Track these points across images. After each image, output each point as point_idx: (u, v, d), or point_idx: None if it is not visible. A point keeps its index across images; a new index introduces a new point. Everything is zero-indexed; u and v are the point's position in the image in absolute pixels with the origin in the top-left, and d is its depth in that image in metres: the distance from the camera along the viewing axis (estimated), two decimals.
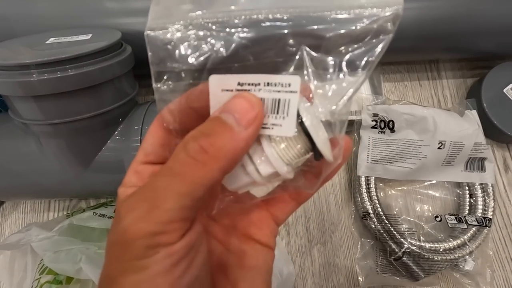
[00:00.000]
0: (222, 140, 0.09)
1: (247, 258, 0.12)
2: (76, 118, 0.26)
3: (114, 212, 0.31)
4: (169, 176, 0.09)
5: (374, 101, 0.36)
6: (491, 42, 0.36)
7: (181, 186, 0.09)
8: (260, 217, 0.13)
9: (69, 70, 0.24)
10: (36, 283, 0.29)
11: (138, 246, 0.09)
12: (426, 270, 0.31)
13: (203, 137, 0.09)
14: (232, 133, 0.09)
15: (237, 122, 0.09)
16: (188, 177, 0.09)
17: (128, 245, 0.09)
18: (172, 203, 0.09)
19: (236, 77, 0.11)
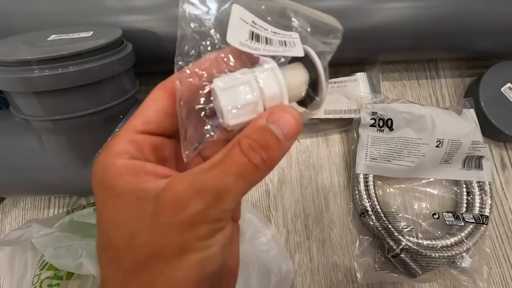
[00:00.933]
0: (275, 153, 0.11)
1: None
2: (77, 114, 0.26)
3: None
4: (235, 175, 0.10)
5: (373, 99, 0.37)
6: (488, 41, 0.36)
7: (245, 185, 0.11)
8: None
9: (70, 66, 0.24)
10: (37, 278, 0.29)
11: (206, 229, 0.10)
12: (423, 267, 0.32)
13: (262, 150, 0.11)
14: (281, 147, 0.11)
15: (284, 136, 0.11)
16: (250, 179, 0.11)
17: (195, 227, 0.10)
18: (234, 197, 0.10)
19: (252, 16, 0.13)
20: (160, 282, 0.10)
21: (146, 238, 0.10)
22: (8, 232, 0.32)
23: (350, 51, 0.36)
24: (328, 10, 0.32)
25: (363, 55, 0.38)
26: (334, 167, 0.38)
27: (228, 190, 0.10)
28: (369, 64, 0.40)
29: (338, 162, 0.38)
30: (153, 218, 0.10)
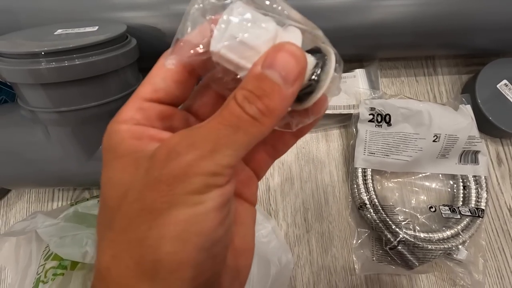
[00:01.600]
0: (275, 102, 0.10)
1: (239, 215, 0.13)
2: (82, 106, 0.26)
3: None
4: (231, 127, 0.10)
5: (371, 95, 0.37)
6: (485, 38, 0.36)
7: (243, 138, 0.10)
8: (249, 176, 0.14)
9: (76, 59, 0.25)
10: (41, 268, 0.30)
11: (199, 181, 0.09)
12: (420, 258, 0.32)
13: (258, 99, 0.10)
14: (281, 93, 0.10)
15: (284, 81, 0.10)
16: (249, 132, 0.10)
17: (187, 180, 0.09)
18: (232, 150, 0.10)
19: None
20: (147, 239, 0.09)
21: (136, 194, 0.10)
22: (13, 224, 0.33)
23: (349, 47, 0.37)
24: (327, 7, 0.33)
25: (362, 51, 0.39)
26: (333, 161, 0.39)
27: (224, 142, 0.09)
28: (368, 61, 0.40)
29: (337, 157, 0.39)
30: (146, 174, 0.10)
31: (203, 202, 0.09)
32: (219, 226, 0.10)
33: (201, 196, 0.09)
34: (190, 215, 0.09)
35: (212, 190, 0.09)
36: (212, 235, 0.09)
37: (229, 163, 0.10)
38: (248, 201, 0.13)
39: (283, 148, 0.14)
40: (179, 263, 0.09)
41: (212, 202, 0.09)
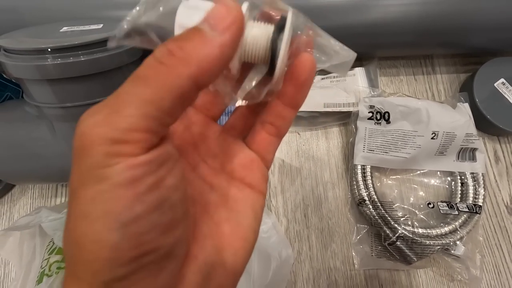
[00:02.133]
0: (192, 44, 0.08)
1: (234, 201, 0.12)
2: (87, 102, 0.27)
3: None
4: (132, 81, 0.08)
5: (370, 93, 0.38)
6: (483, 38, 0.37)
7: (145, 90, 0.08)
8: (250, 159, 0.13)
9: (81, 56, 0.25)
10: (46, 262, 0.30)
11: (97, 153, 0.08)
12: (418, 254, 0.33)
13: (172, 41, 0.08)
14: (205, 38, 0.08)
15: (211, 28, 0.09)
16: (153, 81, 0.08)
17: (87, 153, 0.08)
18: (133, 108, 0.08)
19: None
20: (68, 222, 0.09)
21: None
22: (18, 219, 0.33)
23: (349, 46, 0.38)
24: (327, 6, 0.34)
25: (361, 50, 0.39)
26: (333, 159, 0.39)
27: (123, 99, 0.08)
28: (367, 59, 0.41)
29: (337, 154, 0.40)
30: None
31: (108, 177, 0.08)
32: (135, 203, 0.08)
33: (105, 169, 0.08)
34: (96, 192, 0.08)
35: (120, 162, 0.08)
36: (124, 213, 0.08)
37: (133, 125, 0.08)
38: (252, 186, 0.12)
39: (284, 124, 0.13)
40: (92, 243, 0.08)
41: (118, 176, 0.08)
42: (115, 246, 0.08)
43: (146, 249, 0.08)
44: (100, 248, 0.08)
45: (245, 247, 0.11)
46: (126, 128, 0.08)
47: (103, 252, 0.08)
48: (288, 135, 0.40)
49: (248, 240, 0.11)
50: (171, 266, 0.09)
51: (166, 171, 0.09)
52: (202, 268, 0.10)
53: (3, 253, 0.33)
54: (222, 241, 0.11)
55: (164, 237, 0.09)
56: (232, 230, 0.11)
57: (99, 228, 0.08)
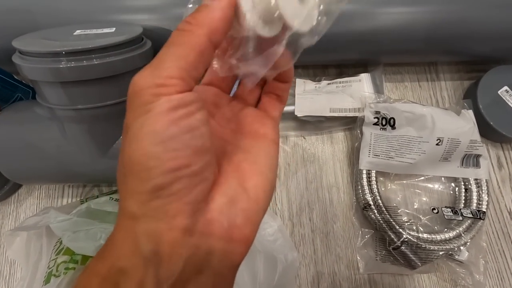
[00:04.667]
0: (202, 13, 0.12)
1: (250, 147, 0.14)
2: (99, 105, 0.27)
3: None
4: (166, 46, 0.12)
5: (376, 99, 0.38)
6: (486, 46, 0.38)
7: (175, 49, 0.12)
8: (260, 115, 0.16)
9: (94, 59, 0.26)
10: (53, 263, 0.30)
11: (146, 93, 0.11)
12: (423, 259, 0.33)
13: (189, 16, 0.12)
14: (209, 7, 0.12)
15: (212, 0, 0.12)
16: (180, 43, 0.12)
17: (138, 95, 0.11)
18: (169, 62, 0.11)
19: None
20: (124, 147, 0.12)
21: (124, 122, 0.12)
22: (25, 219, 0.33)
23: (355, 53, 0.38)
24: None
25: (367, 57, 0.40)
26: (338, 163, 0.40)
27: (162, 58, 0.12)
28: (372, 65, 0.41)
29: (342, 159, 0.40)
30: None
31: (152, 109, 0.11)
32: (171, 125, 0.11)
33: (150, 104, 0.11)
34: (144, 119, 0.11)
35: (160, 98, 0.11)
36: (164, 132, 0.11)
37: (170, 74, 0.11)
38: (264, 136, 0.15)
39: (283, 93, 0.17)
40: (140, 156, 0.11)
41: (159, 107, 0.11)
42: (157, 156, 0.11)
43: (180, 162, 0.11)
44: (147, 158, 0.11)
45: (263, 181, 0.14)
46: (165, 75, 0.11)
47: (149, 162, 0.11)
48: (293, 139, 0.41)
49: (265, 175, 0.14)
50: (202, 185, 0.12)
51: (194, 108, 0.12)
52: (227, 193, 0.13)
53: (10, 253, 0.33)
54: (243, 175, 0.13)
55: (195, 157, 0.12)
56: (250, 167, 0.14)
57: (145, 144, 0.11)
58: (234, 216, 0.12)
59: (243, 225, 0.13)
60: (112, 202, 0.32)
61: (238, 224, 0.13)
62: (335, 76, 0.42)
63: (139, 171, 0.11)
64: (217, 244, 0.12)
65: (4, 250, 0.37)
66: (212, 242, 0.12)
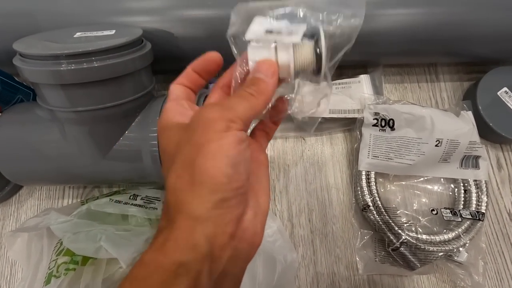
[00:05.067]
0: (262, 86, 0.17)
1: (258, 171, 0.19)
2: (99, 106, 0.27)
3: (129, 198, 0.33)
4: (240, 98, 0.16)
5: (375, 100, 0.38)
6: (486, 48, 0.38)
7: (245, 104, 0.16)
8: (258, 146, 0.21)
9: (95, 62, 0.26)
10: (54, 263, 0.31)
11: (222, 124, 0.15)
12: (422, 260, 0.33)
13: (253, 85, 0.17)
14: (265, 81, 0.17)
15: (265, 75, 0.17)
16: (249, 101, 0.16)
17: (212, 123, 0.15)
18: (241, 109, 0.16)
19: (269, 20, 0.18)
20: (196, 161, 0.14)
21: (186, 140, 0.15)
22: (26, 220, 0.34)
23: (355, 54, 0.38)
24: None
25: (367, 58, 0.40)
26: (337, 164, 0.40)
27: (236, 104, 0.16)
28: (372, 67, 0.41)
29: (342, 160, 0.40)
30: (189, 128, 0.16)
31: (226, 137, 0.14)
32: (238, 154, 0.15)
33: (224, 133, 0.15)
34: (219, 144, 0.14)
35: (231, 131, 0.15)
36: (234, 158, 0.14)
37: (240, 117, 0.15)
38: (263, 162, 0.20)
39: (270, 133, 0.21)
40: (217, 172, 0.14)
41: (231, 137, 0.15)
42: (228, 176, 0.14)
43: (240, 184, 0.15)
44: (222, 176, 0.14)
45: (267, 197, 0.18)
46: (238, 116, 0.15)
47: (222, 178, 0.14)
48: (293, 140, 0.41)
49: (267, 192, 0.18)
50: (245, 203, 0.16)
51: (246, 144, 0.16)
52: (252, 208, 0.17)
53: (11, 253, 0.33)
54: (256, 194, 0.18)
55: (246, 181, 0.15)
56: (259, 186, 0.18)
57: (222, 164, 0.14)
58: (256, 225, 0.17)
59: (260, 232, 0.17)
60: (112, 203, 0.32)
61: (258, 231, 0.17)
62: (334, 77, 0.42)
63: (212, 183, 0.14)
64: (245, 247, 0.16)
65: (5, 251, 0.37)
66: (243, 245, 0.16)
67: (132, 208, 0.31)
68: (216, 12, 0.33)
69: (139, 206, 0.32)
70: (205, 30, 0.34)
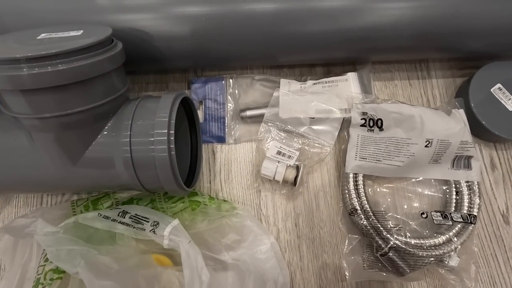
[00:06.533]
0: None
1: None
2: (66, 112, 0.26)
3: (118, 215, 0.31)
4: None
5: (363, 99, 0.37)
6: (480, 42, 0.36)
7: None
8: None
9: (59, 64, 0.24)
10: (41, 269, 0.30)
11: None
12: (411, 265, 0.32)
13: None
14: None
15: None
16: None
17: None
18: None
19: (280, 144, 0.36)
20: None
21: None
22: (14, 219, 0.32)
23: (342, 50, 0.37)
24: (320, 10, 0.33)
25: (355, 55, 0.38)
26: (324, 166, 0.38)
27: None
28: (360, 64, 0.40)
29: (329, 161, 0.39)
30: None
31: None
32: None
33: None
34: None
35: None
36: None
37: None
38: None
39: None
40: None
41: None
42: None
43: None
44: None
45: None
46: None
47: None
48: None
49: None
50: None
51: None
52: None
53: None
54: None
55: None
56: None
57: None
58: None
59: None
60: (100, 219, 0.31)
61: None
62: (322, 76, 0.40)
63: None
64: None
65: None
66: None
67: (120, 226, 0.30)
68: (196, 9, 0.31)
69: (127, 225, 0.30)
70: (182, 29, 0.32)
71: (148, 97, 0.31)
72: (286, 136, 0.38)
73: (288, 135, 0.38)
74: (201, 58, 0.37)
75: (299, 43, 0.34)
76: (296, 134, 0.38)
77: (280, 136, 0.38)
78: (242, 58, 0.37)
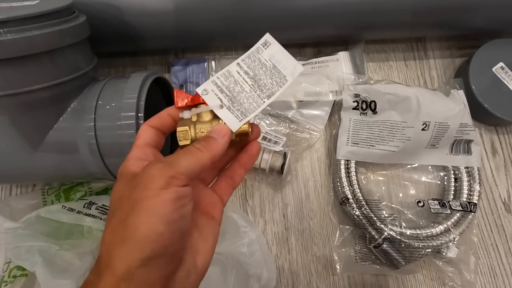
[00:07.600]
0: (212, 142, 0.17)
1: (203, 227, 0.18)
2: (21, 90, 0.23)
3: (84, 206, 0.29)
4: (184, 152, 0.16)
5: (355, 80, 0.34)
6: (480, 17, 0.33)
7: (190, 157, 0.16)
8: (215, 200, 0.20)
9: (8, 34, 0.21)
10: (6, 266, 0.28)
11: (159, 180, 0.15)
12: (407, 257, 0.30)
13: (203, 141, 0.17)
14: (216, 140, 0.17)
15: (217, 136, 0.17)
16: (194, 155, 0.16)
17: (152, 179, 0.15)
18: (185, 164, 0.16)
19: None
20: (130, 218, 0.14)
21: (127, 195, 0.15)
22: None
23: (332, 27, 0.34)
24: None
25: (346, 32, 0.35)
26: (314, 153, 0.36)
27: (180, 159, 0.16)
28: (353, 43, 0.37)
29: (319, 148, 0.36)
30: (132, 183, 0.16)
31: (163, 194, 0.14)
32: (173, 211, 0.15)
33: (162, 190, 0.14)
34: (154, 201, 0.14)
35: (170, 187, 0.15)
36: (168, 216, 0.14)
37: (182, 172, 0.15)
38: (214, 219, 0.19)
39: (238, 179, 0.20)
40: (147, 230, 0.14)
41: (169, 194, 0.14)
42: (159, 233, 0.14)
43: (170, 242, 0.15)
44: (151, 233, 0.14)
45: (209, 258, 0.18)
46: (180, 172, 0.15)
47: (152, 235, 0.14)
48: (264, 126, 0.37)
49: (211, 253, 0.18)
50: (176, 262, 0.16)
51: (188, 200, 0.16)
52: (186, 268, 0.16)
53: None
54: (196, 252, 0.17)
55: (179, 240, 0.15)
56: (202, 245, 0.18)
57: (155, 220, 0.14)
58: (187, 286, 0.16)
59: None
60: (64, 211, 0.28)
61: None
62: (312, 56, 0.38)
63: (141, 241, 0.14)
64: None
65: None
66: None
67: (88, 219, 0.27)
68: None
69: (94, 216, 0.28)
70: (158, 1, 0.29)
71: (118, 78, 0.28)
72: (272, 120, 0.35)
73: (275, 119, 0.35)
74: (181, 37, 0.34)
75: (287, 17, 0.31)
76: (283, 119, 0.35)
77: (266, 121, 0.35)
78: (227, 35, 0.34)
